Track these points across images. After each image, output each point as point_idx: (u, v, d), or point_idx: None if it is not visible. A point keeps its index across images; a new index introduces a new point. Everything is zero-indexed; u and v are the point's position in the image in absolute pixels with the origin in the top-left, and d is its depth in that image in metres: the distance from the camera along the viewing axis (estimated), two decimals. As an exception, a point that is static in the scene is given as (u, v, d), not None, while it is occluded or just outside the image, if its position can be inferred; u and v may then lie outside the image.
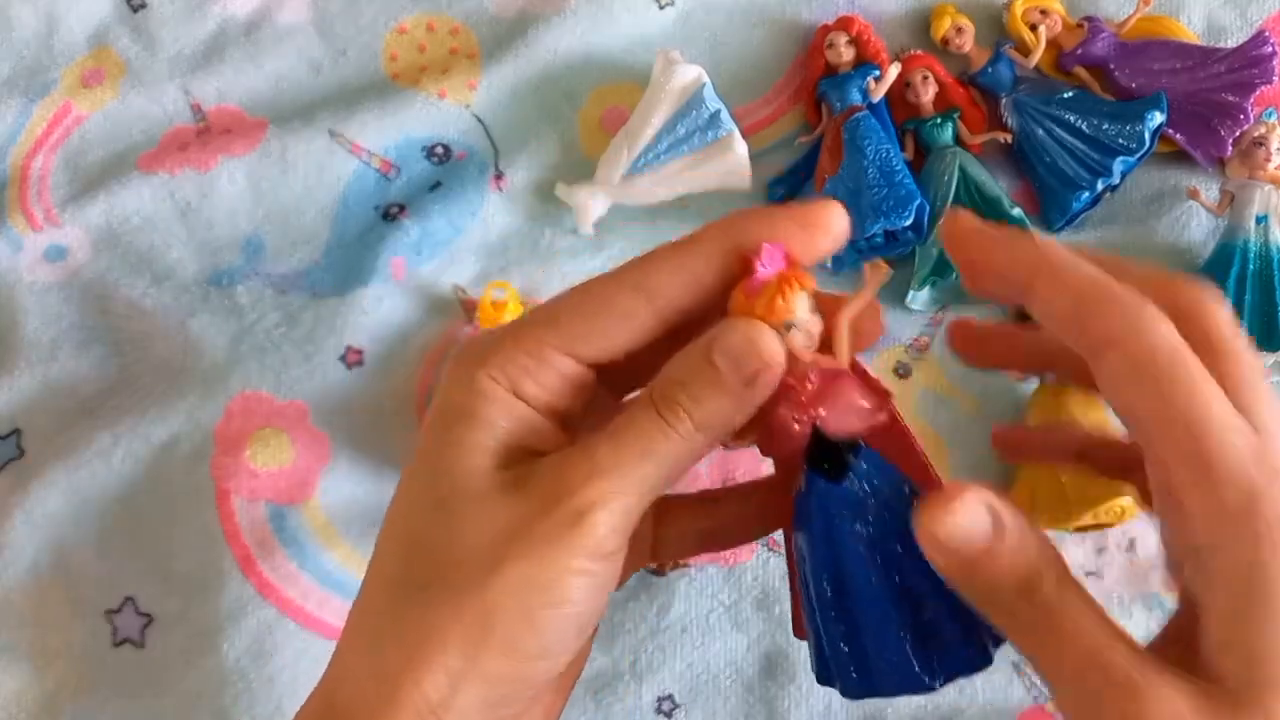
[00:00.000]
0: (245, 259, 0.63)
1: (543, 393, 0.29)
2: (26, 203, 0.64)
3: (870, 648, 0.30)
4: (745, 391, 0.28)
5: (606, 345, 0.29)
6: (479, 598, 0.27)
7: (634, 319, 0.29)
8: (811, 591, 0.30)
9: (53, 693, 0.55)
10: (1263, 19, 0.65)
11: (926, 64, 0.63)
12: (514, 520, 0.27)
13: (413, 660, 0.27)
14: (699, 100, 0.61)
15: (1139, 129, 0.60)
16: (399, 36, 0.67)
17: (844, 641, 0.30)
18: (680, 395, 0.28)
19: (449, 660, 0.27)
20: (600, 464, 0.28)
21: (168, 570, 0.57)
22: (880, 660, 0.30)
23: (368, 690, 0.28)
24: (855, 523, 0.29)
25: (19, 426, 0.60)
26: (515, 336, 0.30)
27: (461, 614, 0.27)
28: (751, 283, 0.28)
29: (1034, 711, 0.55)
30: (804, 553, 0.30)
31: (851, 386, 0.29)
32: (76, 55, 0.67)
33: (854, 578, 0.29)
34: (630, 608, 0.56)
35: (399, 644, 0.28)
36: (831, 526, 0.29)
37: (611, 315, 0.29)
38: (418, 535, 0.29)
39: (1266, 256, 0.58)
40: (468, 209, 0.63)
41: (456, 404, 0.29)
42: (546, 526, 0.27)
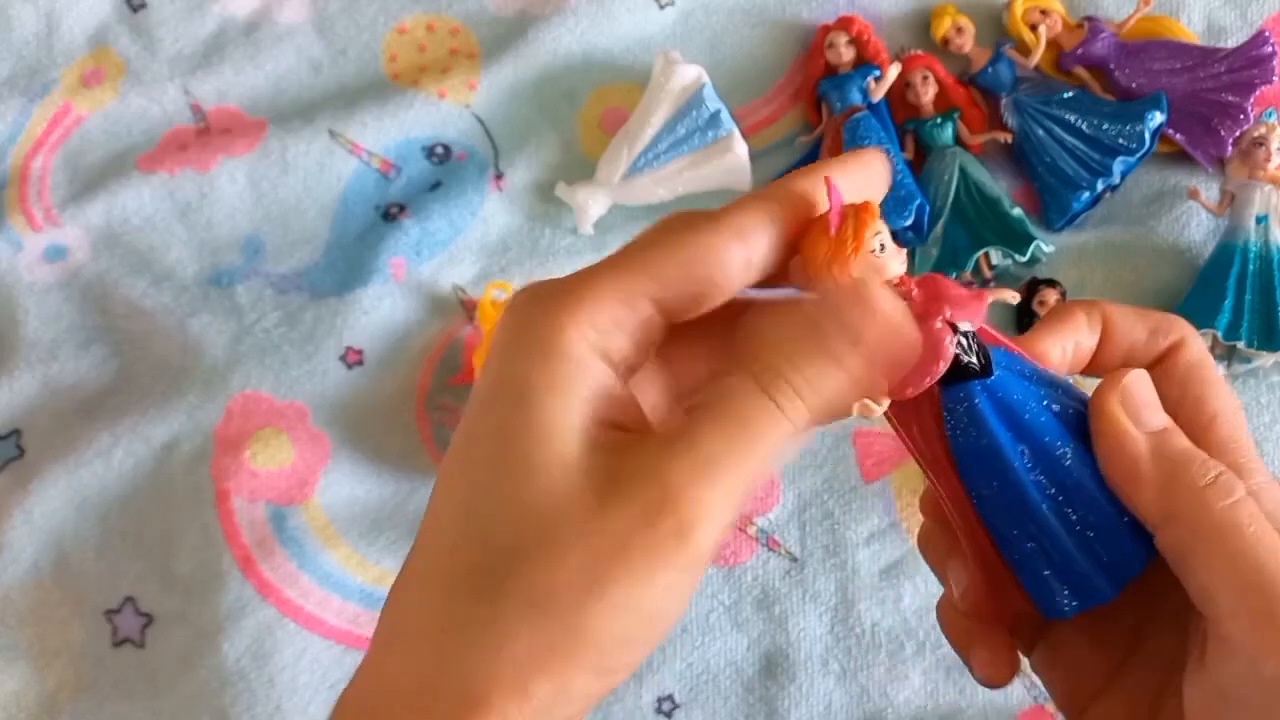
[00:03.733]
0: (245, 259, 0.63)
1: (631, 353, 0.25)
2: (26, 202, 0.64)
3: (1093, 544, 0.27)
4: (867, 363, 0.25)
5: (702, 299, 0.26)
6: (576, 620, 0.24)
7: (734, 270, 0.25)
8: (1020, 511, 0.27)
9: (52, 693, 0.55)
10: (1263, 19, 0.65)
11: (927, 64, 0.63)
12: (613, 532, 0.24)
13: (499, 682, 0.24)
14: (699, 100, 0.61)
15: (1139, 129, 0.60)
16: (399, 36, 0.67)
17: (1063, 551, 0.27)
18: (792, 375, 0.24)
19: (537, 687, 0.24)
20: (706, 463, 0.24)
21: (168, 570, 0.57)
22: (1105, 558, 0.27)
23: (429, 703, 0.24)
24: (1030, 401, 0.27)
25: (19, 426, 0.60)
26: (604, 282, 0.25)
27: (554, 636, 0.24)
28: (826, 219, 0.26)
29: (1034, 711, 0.55)
30: (996, 473, 0.27)
31: (947, 280, 0.27)
32: (76, 55, 0.67)
33: (1056, 464, 0.27)
34: (630, 608, 0.56)
35: (475, 664, 0.24)
36: (1015, 418, 0.27)
37: (715, 264, 0.25)
38: (491, 536, 0.24)
39: (1267, 256, 0.58)
40: (468, 209, 0.63)
41: (535, 370, 0.24)
42: (651, 541, 0.24)
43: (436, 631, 0.24)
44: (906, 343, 0.26)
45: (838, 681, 0.55)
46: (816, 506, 0.57)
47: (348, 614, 0.55)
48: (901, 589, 0.56)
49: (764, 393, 0.24)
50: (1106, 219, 0.62)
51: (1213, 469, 0.26)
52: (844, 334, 0.25)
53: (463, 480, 0.26)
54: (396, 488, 0.58)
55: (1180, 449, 0.27)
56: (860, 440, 0.58)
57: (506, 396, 0.25)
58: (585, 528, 0.24)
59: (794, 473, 0.58)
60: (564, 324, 0.25)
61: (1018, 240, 0.59)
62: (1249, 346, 0.57)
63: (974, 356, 0.27)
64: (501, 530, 0.24)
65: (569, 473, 0.24)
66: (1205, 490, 0.26)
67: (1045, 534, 0.27)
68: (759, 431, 0.24)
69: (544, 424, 0.24)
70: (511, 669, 0.24)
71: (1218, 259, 0.59)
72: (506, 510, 0.24)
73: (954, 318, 0.26)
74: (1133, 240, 0.61)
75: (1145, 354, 0.30)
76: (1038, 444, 0.27)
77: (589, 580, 0.24)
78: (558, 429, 0.24)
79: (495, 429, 0.25)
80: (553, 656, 0.24)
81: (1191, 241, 0.61)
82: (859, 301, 0.25)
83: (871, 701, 0.55)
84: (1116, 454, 0.27)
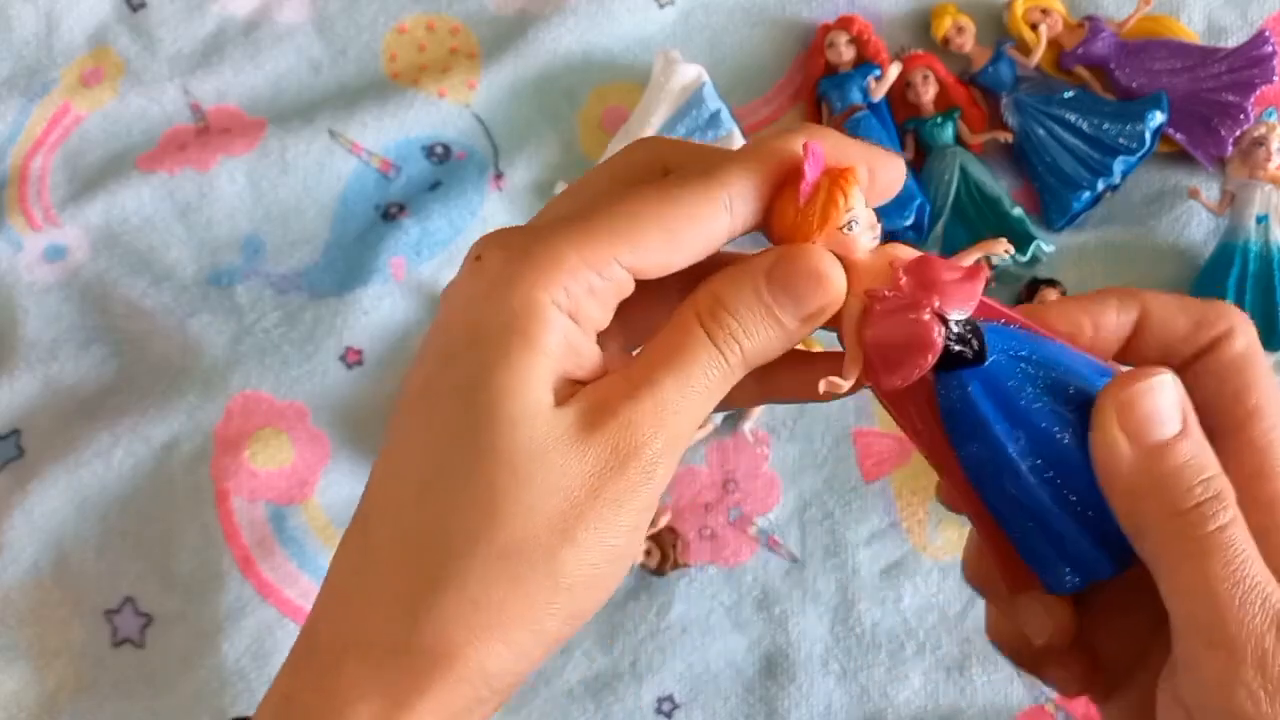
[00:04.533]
0: (245, 259, 0.63)
1: (601, 315, 0.26)
2: (26, 202, 0.64)
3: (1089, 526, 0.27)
4: (800, 328, 0.26)
5: (680, 261, 0.26)
6: (551, 566, 0.24)
7: (716, 234, 0.26)
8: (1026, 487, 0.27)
9: (52, 693, 0.55)
10: (1263, 19, 0.65)
11: (927, 63, 0.63)
12: (586, 476, 0.25)
13: (476, 635, 0.24)
14: (699, 100, 0.61)
15: (1140, 129, 0.59)
16: (399, 36, 0.67)
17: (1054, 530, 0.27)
18: (731, 322, 0.26)
19: (514, 634, 0.25)
20: (665, 408, 0.25)
21: (167, 570, 0.57)
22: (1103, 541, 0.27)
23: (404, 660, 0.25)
24: (1027, 386, 0.27)
25: (19, 426, 0.60)
26: (579, 249, 0.25)
27: (529, 586, 0.24)
28: (803, 186, 0.25)
29: (1034, 711, 0.55)
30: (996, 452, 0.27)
31: (941, 263, 0.26)
32: (76, 55, 0.67)
33: (1053, 448, 0.26)
34: (630, 608, 0.56)
35: (451, 621, 0.24)
36: (1011, 405, 0.26)
37: (699, 236, 0.26)
38: (460, 492, 0.25)
39: (1267, 256, 0.58)
40: (467, 208, 0.63)
41: (508, 328, 0.25)
42: (621, 485, 0.25)
43: (407, 591, 0.25)
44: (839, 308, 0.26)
45: (838, 682, 0.55)
46: (817, 507, 0.57)
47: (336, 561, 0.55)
48: (902, 589, 0.56)
49: (710, 338, 0.26)
50: (1107, 219, 0.62)
51: (1197, 494, 0.25)
52: (791, 302, 0.26)
53: (426, 434, 0.26)
54: (396, 488, 0.58)
55: (1168, 469, 0.25)
56: (860, 440, 0.58)
57: (476, 352, 0.25)
58: (558, 476, 0.25)
59: (794, 473, 0.58)
60: (539, 288, 0.25)
61: (1018, 240, 0.59)
62: (1249, 346, 0.57)
63: (967, 345, 0.26)
64: (471, 486, 0.25)
65: (539, 426, 0.25)
66: (1181, 515, 0.25)
67: (1043, 514, 0.27)
68: (706, 377, 0.26)
69: (516, 382, 0.25)
70: (487, 622, 0.24)
71: (1218, 259, 0.59)
72: (480, 465, 0.25)
73: (944, 307, 0.26)
74: (1133, 240, 0.61)
75: (1187, 346, 0.28)
76: (1033, 429, 0.27)
77: (563, 525, 0.25)
78: (529, 386, 0.25)
79: (464, 383, 0.25)
80: (530, 605, 0.25)
81: (1192, 241, 0.61)
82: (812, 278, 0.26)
83: (871, 702, 0.55)
84: (1101, 463, 0.26)
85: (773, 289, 0.26)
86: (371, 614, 0.25)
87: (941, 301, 0.26)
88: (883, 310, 0.26)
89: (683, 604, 0.56)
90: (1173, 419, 0.26)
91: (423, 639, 0.24)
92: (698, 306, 0.26)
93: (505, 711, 0.55)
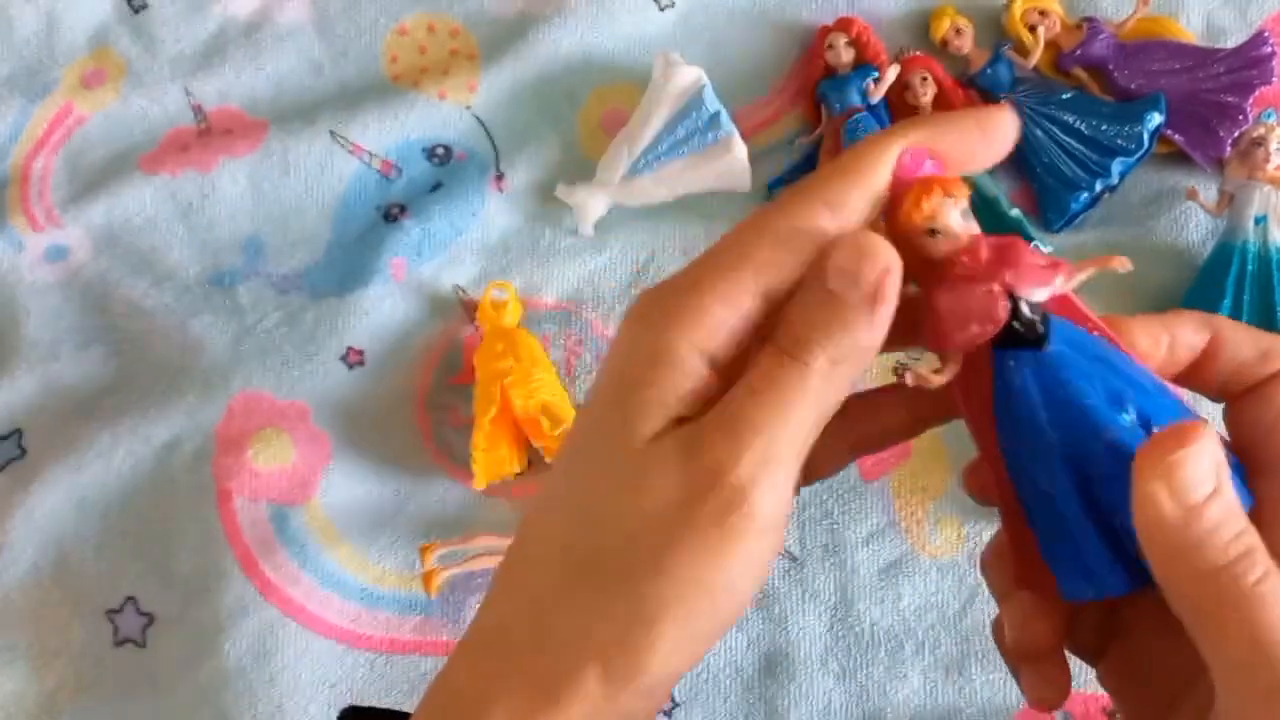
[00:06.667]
0: (246, 259, 0.63)
1: (732, 347, 0.27)
2: (28, 203, 0.64)
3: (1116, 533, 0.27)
4: (872, 309, 0.26)
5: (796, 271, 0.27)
6: (641, 594, 0.25)
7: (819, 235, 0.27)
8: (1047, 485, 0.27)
9: (53, 693, 0.55)
10: (1262, 19, 0.65)
11: (925, 65, 0.63)
12: (668, 509, 0.26)
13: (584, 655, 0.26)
14: (699, 102, 0.61)
15: (1138, 130, 0.60)
16: (399, 38, 0.67)
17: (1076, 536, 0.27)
18: (807, 332, 0.26)
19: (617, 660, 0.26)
20: (746, 430, 0.25)
21: (169, 570, 0.57)
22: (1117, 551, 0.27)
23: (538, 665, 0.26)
24: (1078, 381, 0.27)
25: (20, 426, 0.60)
26: (713, 286, 0.26)
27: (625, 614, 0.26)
28: (895, 187, 0.26)
29: (1032, 711, 0.55)
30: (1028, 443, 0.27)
31: (1026, 248, 0.27)
32: (77, 56, 0.67)
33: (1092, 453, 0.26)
34: (630, 607, 0.56)
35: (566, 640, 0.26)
36: (1060, 398, 0.27)
37: (809, 245, 0.27)
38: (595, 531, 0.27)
39: (1265, 257, 0.58)
40: (468, 209, 0.63)
41: (639, 372, 0.27)
42: (702, 515, 0.25)
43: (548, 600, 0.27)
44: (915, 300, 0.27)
45: (837, 681, 0.55)
46: (816, 506, 0.58)
47: (349, 614, 0.55)
48: (901, 588, 0.56)
49: (786, 354, 0.26)
50: (1105, 220, 0.62)
51: (1232, 552, 0.25)
52: (848, 282, 0.26)
53: (567, 472, 0.28)
54: (398, 488, 0.58)
55: (1206, 528, 0.25)
56: (860, 440, 0.59)
57: (611, 395, 0.27)
58: (661, 495, 0.26)
59: (794, 473, 0.58)
60: (673, 333, 0.26)
61: (1017, 241, 0.59)
62: (1247, 347, 0.57)
63: (1030, 327, 0.27)
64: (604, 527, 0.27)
65: (656, 451, 0.26)
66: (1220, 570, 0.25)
67: (1069, 517, 0.27)
68: (789, 395, 0.26)
69: (642, 413, 0.26)
70: (594, 644, 0.26)
71: (1216, 259, 0.59)
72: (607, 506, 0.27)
73: (1015, 286, 0.26)
74: (1131, 241, 0.61)
75: (1251, 374, 0.29)
76: (1077, 428, 0.27)
77: (651, 557, 0.25)
78: (654, 416, 0.26)
79: (596, 423, 0.28)
80: (628, 633, 0.26)
81: (1190, 242, 0.61)
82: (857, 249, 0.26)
83: (871, 701, 0.55)
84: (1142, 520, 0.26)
85: (829, 280, 0.26)
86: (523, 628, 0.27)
87: (1014, 279, 0.26)
88: (956, 276, 0.27)
89: (683, 603, 0.56)
90: (1210, 479, 0.25)
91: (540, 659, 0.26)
92: (773, 337, 0.27)
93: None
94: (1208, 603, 0.25)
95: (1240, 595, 0.25)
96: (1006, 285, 0.26)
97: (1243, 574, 0.25)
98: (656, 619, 0.25)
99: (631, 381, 0.27)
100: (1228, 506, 0.26)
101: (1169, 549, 0.26)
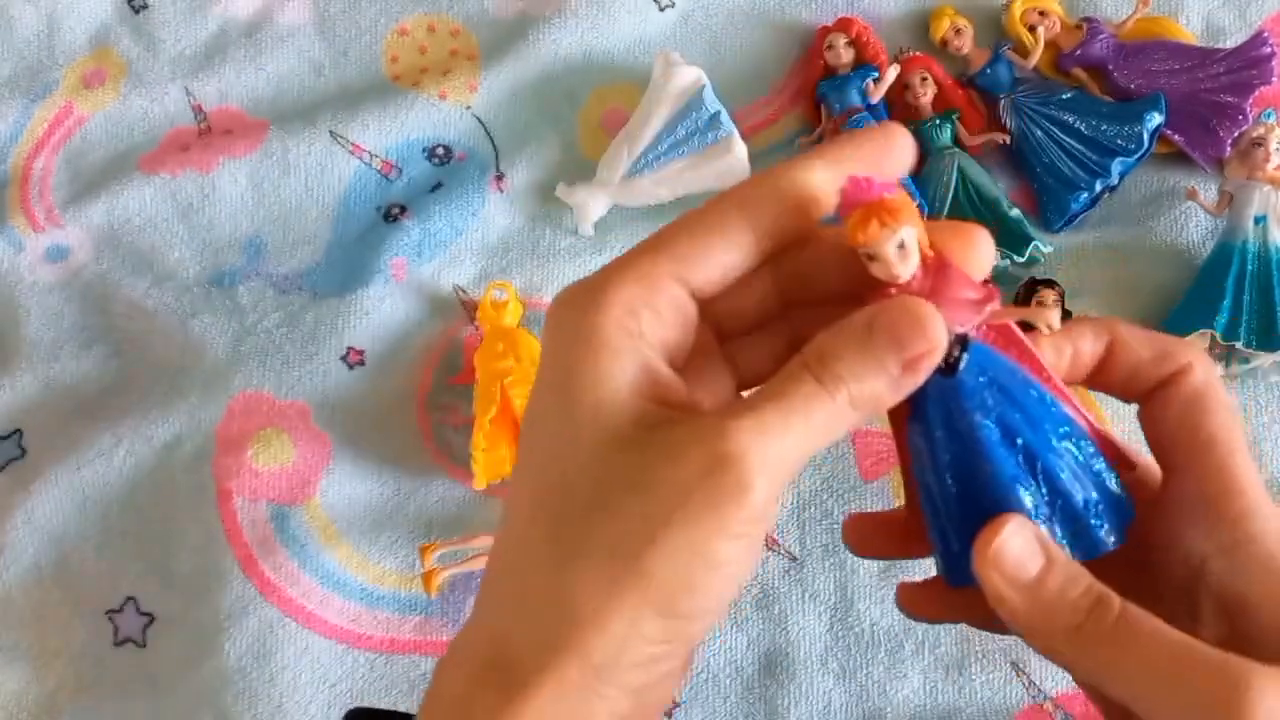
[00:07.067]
0: (247, 259, 0.63)
1: (666, 331, 0.28)
2: (28, 203, 0.64)
3: None
4: (903, 377, 0.27)
5: (716, 269, 0.29)
6: (639, 565, 0.26)
7: (743, 241, 0.29)
8: (934, 490, 0.30)
9: (53, 692, 0.56)
10: (1261, 19, 0.65)
11: (925, 65, 0.63)
12: (675, 482, 0.27)
13: (578, 624, 0.27)
14: (699, 102, 0.61)
15: (1137, 130, 0.60)
16: (400, 38, 0.67)
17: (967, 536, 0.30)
18: (839, 368, 0.27)
19: (613, 625, 0.27)
20: (766, 429, 0.27)
21: (169, 570, 0.57)
22: None
23: (531, 645, 0.27)
24: (975, 414, 0.29)
25: (20, 426, 0.60)
26: (625, 269, 0.28)
27: (623, 579, 0.27)
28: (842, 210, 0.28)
29: (1032, 711, 0.55)
30: (924, 451, 0.30)
31: (959, 280, 0.28)
32: (78, 56, 0.67)
33: (978, 468, 0.29)
34: (630, 607, 0.56)
35: (559, 605, 0.27)
36: (951, 421, 0.29)
37: (723, 234, 0.28)
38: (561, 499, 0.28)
39: (1265, 257, 0.58)
40: (468, 209, 0.63)
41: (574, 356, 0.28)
42: (711, 493, 0.26)
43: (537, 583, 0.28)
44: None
45: (837, 680, 0.55)
46: (816, 506, 0.58)
47: (349, 613, 0.55)
48: (901, 588, 0.56)
49: (814, 378, 0.27)
50: (1105, 220, 0.62)
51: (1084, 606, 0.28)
52: (893, 346, 0.27)
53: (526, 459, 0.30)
54: (397, 488, 0.58)
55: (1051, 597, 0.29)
56: (859, 439, 0.59)
57: (556, 381, 0.29)
58: (650, 480, 0.27)
59: (793, 472, 0.58)
60: (593, 313, 0.28)
61: (1016, 241, 0.59)
62: (1247, 347, 0.57)
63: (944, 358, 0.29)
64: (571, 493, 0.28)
65: (618, 440, 0.27)
66: (1081, 627, 0.28)
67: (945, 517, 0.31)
68: (810, 408, 0.27)
69: (591, 402, 0.28)
70: (590, 606, 0.27)
71: (1216, 259, 0.59)
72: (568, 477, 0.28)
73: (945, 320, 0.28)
74: (1131, 241, 0.61)
75: (1150, 376, 0.31)
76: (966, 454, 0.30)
77: (651, 527, 0.26)
78: (604, 404, 0.27)
79: (550, 410, 0.29)
80: (623, 594, 0.26)
81: (1190, 242, 0.61)
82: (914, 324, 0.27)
83: (871, 700, 0.55)
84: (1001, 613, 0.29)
85: (876, 334, 0.27)
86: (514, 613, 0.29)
87: (944, 313, 0.28)
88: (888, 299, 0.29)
89: (682, 603, 0.56)
90: (1035, 556, 0.29)
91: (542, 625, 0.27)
92: (805, 356, 0.28)
93: (506, 710, 0.55)
94: (1088, 659, 0.28)
95: (1110, 635, 0.28)
96: None
97: (1096, 616, 0.28)
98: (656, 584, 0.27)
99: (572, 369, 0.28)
100: (1064, 571, 0.29)
101: (1031, 627, 0.29)
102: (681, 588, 0.27)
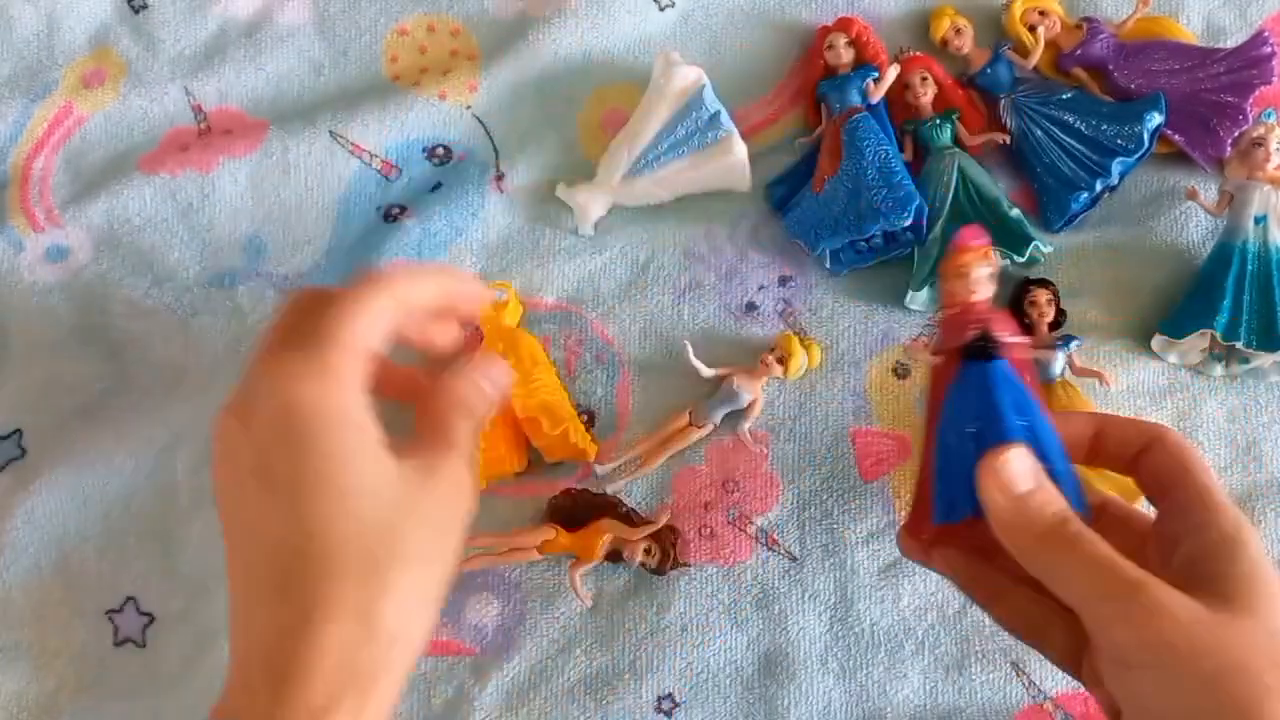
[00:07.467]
0: (247, 260, 0.63)
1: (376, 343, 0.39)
2: (28, 203, 0.64)
3: None
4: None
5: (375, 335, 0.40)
6: (381, 576, 0.36)
7: (380, 319, 0.41)
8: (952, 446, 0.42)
9: (53, 692, 0.56)
10: (1262, 19, 0.65)
11: (925, 65, 0.63)
12: (405, 493, 0.38)
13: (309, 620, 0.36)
14: (699, 102, 0.61)
15: (1138, 130, 0.60)
16: (399, 38, 0.67)
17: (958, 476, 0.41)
18: (453, 422, 0.44)
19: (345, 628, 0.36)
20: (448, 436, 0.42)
21: (169, 570, 0.57)
22: None
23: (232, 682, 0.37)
24: (999, 389, 0.41)
25: (21, 426, 0.60)
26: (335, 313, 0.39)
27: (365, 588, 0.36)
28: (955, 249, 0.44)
29: (1032, 711, 0.55)
30: (953, 411, 0.42)
31: (1009, 318, 0.44)
32: (77, 56, 0.67)
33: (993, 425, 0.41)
34: (630, 607, 0.56)
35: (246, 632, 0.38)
36: (985, 387, 0.42)
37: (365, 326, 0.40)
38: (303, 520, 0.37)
39: (1265, 257, 0.58)
40: (468, 210, 0.63)
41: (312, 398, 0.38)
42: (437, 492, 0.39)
43: (257, 640, 0.38)
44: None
45: (837, 680, 0.55)
46: (815, 506, 0.58)
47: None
48: (900, 588, 0.56)
49: (444, 439, 0.44)
50: (1105, 220, 0.62)
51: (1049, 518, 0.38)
52: (485, 378, 0.45)
53: (247, 448, 0.40)
54: (397, 488, 0.58)
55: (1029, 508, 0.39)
56: (859, 440, 0.59)
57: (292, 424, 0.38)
58: (380, 495, 0.38)
59: (793, 472, 0.58)
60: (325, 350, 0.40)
61: (1016, 241, 0.59)
62: (1247, 347, 0.57)
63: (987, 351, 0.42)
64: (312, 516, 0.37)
65: (350, 431, 0.39)
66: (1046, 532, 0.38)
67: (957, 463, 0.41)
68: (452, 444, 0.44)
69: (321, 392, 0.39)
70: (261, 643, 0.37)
71: (1216, 259, 0.59)
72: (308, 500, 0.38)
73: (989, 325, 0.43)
74: (1131, 241, 0.61)
75: (1134, 445, 0.42)
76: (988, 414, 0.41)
77: (390, 539, 0.38)
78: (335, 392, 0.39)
79: (274, 407, 0.39)
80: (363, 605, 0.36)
81: (1190, 242, 0.61)
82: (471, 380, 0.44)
83: (870, 700, 0.55)
84: (989, 513, 0.39)
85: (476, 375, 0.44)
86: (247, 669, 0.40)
87: (990, 324, 0.42)
88: (953, 313, 0.44)
89: (682, 603, 0.56)
90: (1028, 477, 0.39)
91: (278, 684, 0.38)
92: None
93: (504, 710, 0.56)
94: (1046, 554, 0.38)
95: (1065, 540, 0.38)
96: (984, 324, 0.43)
97: (1061, 526, 0.38)
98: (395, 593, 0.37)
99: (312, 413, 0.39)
100: (1045, 494, 0.39)
101: (1010, 526, 0.39)
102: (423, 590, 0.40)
